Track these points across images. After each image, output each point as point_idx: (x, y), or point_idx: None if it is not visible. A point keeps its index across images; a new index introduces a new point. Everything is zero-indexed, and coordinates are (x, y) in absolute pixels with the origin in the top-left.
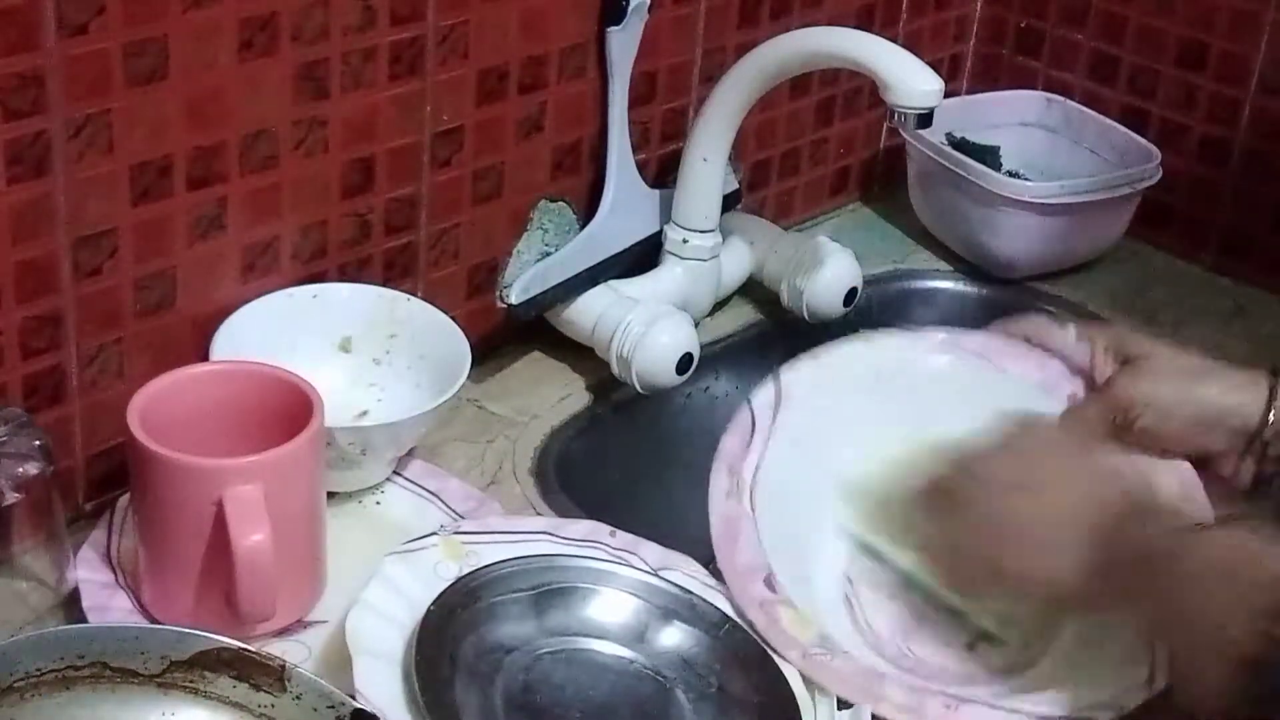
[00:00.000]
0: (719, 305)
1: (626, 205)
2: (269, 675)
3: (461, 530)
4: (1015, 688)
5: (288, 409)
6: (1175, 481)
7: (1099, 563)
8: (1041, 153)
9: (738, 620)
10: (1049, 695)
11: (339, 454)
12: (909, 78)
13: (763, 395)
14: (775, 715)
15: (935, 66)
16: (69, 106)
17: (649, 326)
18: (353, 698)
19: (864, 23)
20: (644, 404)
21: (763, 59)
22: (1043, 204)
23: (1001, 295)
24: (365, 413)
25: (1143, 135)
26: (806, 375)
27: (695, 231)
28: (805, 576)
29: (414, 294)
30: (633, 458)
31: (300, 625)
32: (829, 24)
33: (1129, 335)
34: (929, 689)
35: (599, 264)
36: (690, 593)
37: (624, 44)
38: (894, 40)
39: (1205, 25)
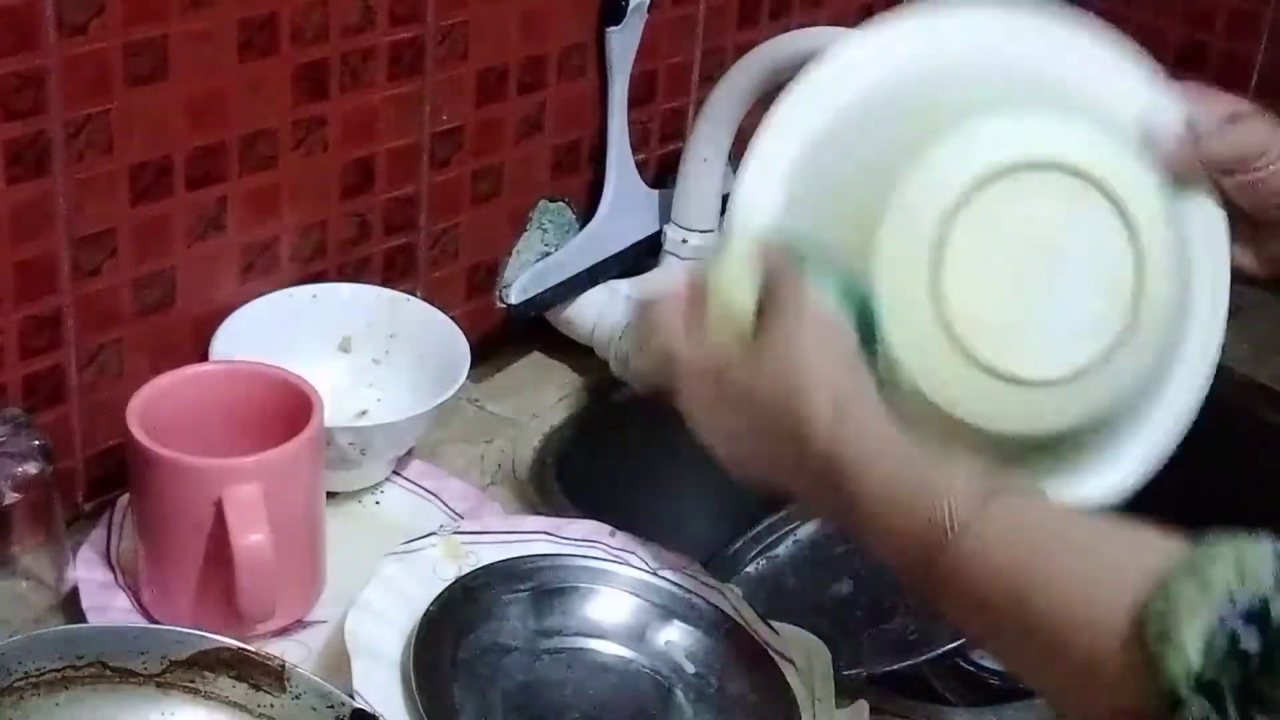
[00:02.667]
0: None
1: (626, 205)
2: (269, 675)
3: (461, 530)
4: None
5: (287, 409)
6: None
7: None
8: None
9: (737, 620)
10: None
11: (338, 454)
12: None
13: None
14: (775, 715)
15: None
16: (69, 106)
17: None
18: (352, 697)
19: (864, 23)
20: (644, 404)
21: (763, 59)
22: None
23: None
24: (365, 413)
25: None
26: None
27: (695, 231)
28: None
29: (413, 294)
30: (633, 458)
31: (300, 625)
32: (829, 24)
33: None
34: None
35: (598, 264)
36: (690, 592)
37: (623, 44)
38: None
39: (1205, 25)
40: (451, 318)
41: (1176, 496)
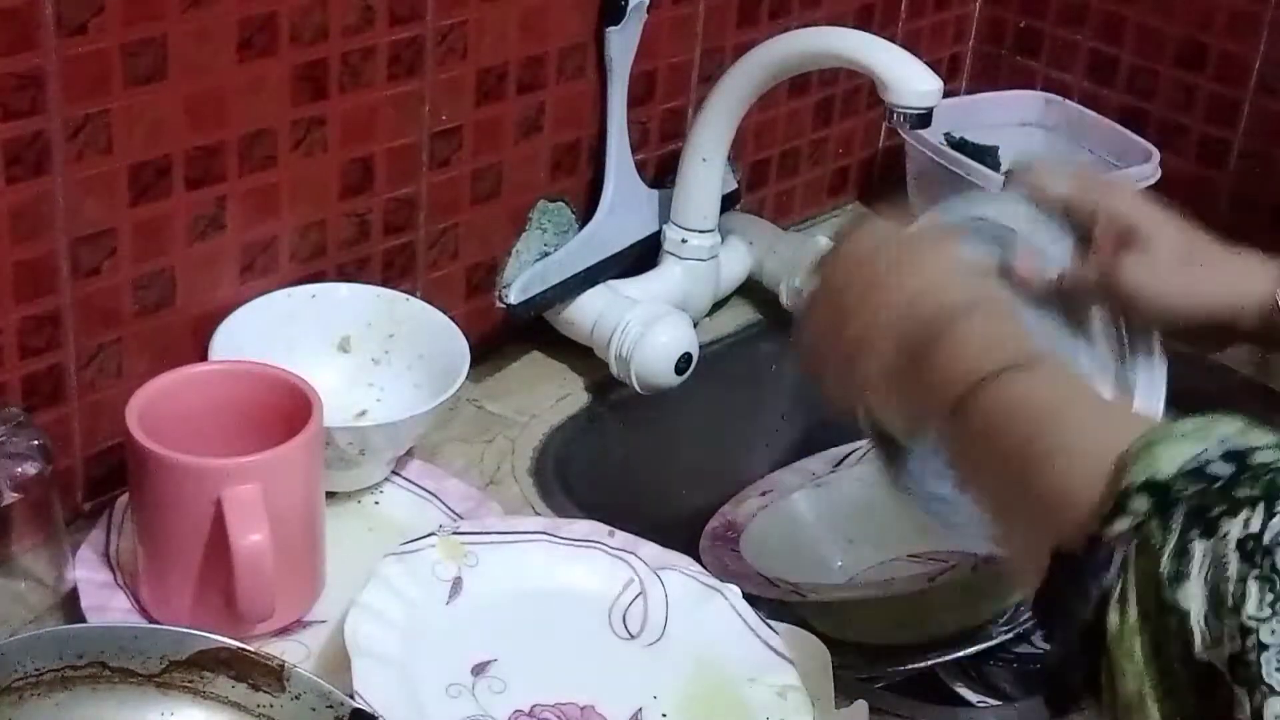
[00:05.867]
0: (718, 305)
1: (625, 205)
2: (268, 675)
3: (460, 530)
4: None
5: (287, 409)
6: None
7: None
8: (1040, 153)
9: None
10: None
11: (338, 454)
12: (907, 77)
13: None
14: None
15: (934, 66)
16: (68, 106)
17: (648, 326)
18: (352, 697)
19: (863, 23)
20: (643, 404)
21: (762, 59)
22: None
23: None
24: (364, 413)
25: (1141, 135)
26: None
27: (694, 231)
28: None
29: (413, 294)
30: (632, 458)
31: (299, 625)
32: (828, 24)
33: (1130, 203)
34: None
35: (598, 264)
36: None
37: (623, 44)
38: (893, 40)
39: (1204, 25)
40: (451, 318)
41: None
